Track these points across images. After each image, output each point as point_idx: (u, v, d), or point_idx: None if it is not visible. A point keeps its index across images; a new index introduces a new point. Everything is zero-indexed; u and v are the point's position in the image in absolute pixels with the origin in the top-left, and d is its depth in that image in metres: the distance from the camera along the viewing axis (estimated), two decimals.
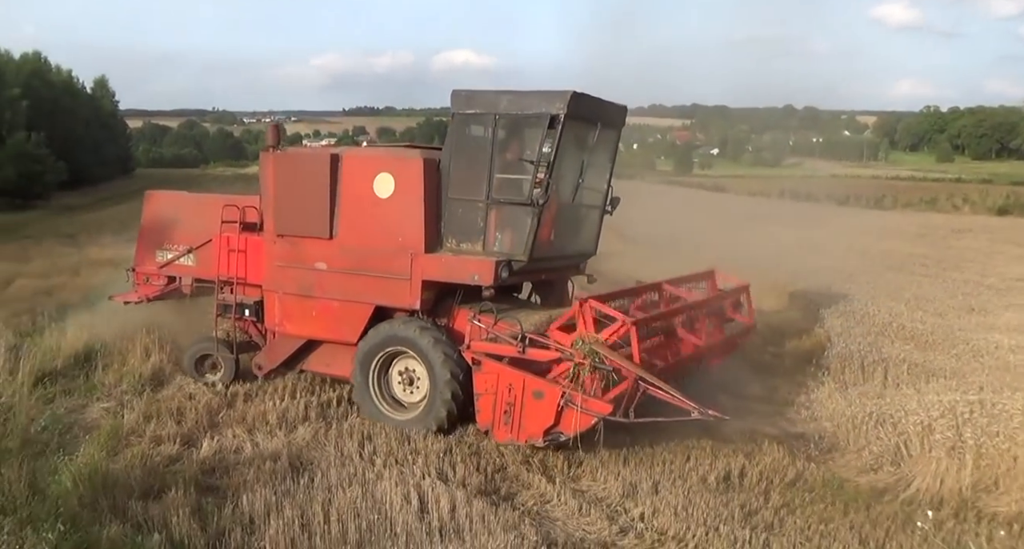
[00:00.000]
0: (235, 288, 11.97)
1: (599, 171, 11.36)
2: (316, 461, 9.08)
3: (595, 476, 8.93)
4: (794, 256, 25.81)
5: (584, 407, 8.57)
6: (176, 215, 13.05)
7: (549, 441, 8.92)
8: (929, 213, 53.37)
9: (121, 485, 8.12)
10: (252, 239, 11.84)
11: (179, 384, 11.88)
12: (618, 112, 11.34)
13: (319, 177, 10.87)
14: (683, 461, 9.26)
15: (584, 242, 11.83)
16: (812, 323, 16.27)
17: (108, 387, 11.76)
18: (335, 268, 10.89)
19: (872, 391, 11.49)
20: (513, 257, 10.11)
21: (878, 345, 13.88)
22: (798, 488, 8.74)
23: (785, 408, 11.41)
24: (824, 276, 21.83)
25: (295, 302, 11.28)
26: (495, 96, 10.07)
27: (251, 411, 10.83)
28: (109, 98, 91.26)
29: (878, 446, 9.49)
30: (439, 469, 8.88)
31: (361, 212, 10.69)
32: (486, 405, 9.23)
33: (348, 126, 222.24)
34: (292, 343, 11.59)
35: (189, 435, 9.98)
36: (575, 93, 9.79)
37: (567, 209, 10.96)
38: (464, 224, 10.26)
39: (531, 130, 10.14)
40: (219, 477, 8.72)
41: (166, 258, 12.93)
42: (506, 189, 10.12)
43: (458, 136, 10.40)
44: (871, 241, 32.31)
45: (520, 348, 9.11)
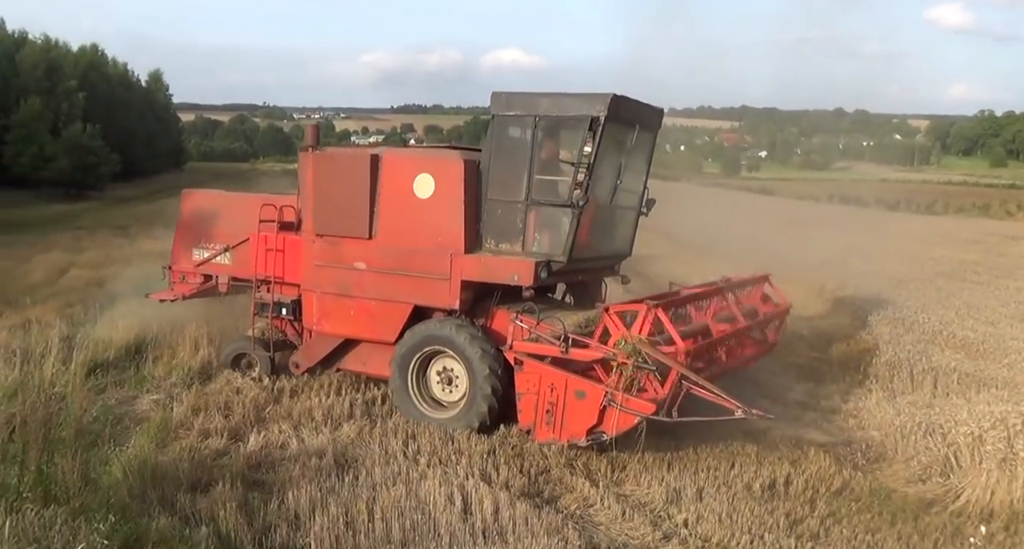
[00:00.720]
0: (272, 287, 12.05)
1: (636, 173, 11.33)
2: (361, 459, 9.14)
3: (639, 481, 8.89)
4: (842, 261, 25.51)
5: (626, 407, 8.60)
6: (213, 214, 13.16)
7: (592, 441, 8.93)
8: (981, 219, 52.56)
9: (170, 477, 8.22)
10: (290, 238, 11.90)
11: (227, 378, 12.01)
12: (655, 114, 11.34)
13: (359, 177, 10.93)
14: (728, 467, 9.19)
15: (620, 243, 11.85)
16: (860, 329, 16.08)
17: (158, 379, 11.96)
18: (374, 268, 10.93)
19: (921, 400, 11.34)
20: (552, 258, 10.16)
21: (928, 353, 13.69)
22: (844, 497, 8.63)
23: (832, 415, 11.29)
24: (873, 282, 21.54)
25: (333, 301, 11.34)
26: (535, 98, 10.12)
27: (297, 407, 10.94)
28: (163, 91, 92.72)
29: (927, 456, 9.35)
30: (483, 470, 8.89)
31: (401, 212, 10.75)
32: (528, 405, 9.25)
33: (396, 123, 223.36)
34: (329, 342, 11.67)
35: (236, 429, 10.09)
36: (615, 96, 9.82)
37: (604, 210, 10.95)
38: (503, 225, 10.31)
39: (571, 132, 10.24)
40: (265, 472, 8.80)
41: (203, 256, 13.00)
42: (545, 190, 10.20)
43: (498, 137, 10.43)
44: (922, 247, 31.87)
45: (563, 348, 9.10)
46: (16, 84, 55.05)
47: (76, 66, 63.60)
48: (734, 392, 10.45)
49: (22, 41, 61.28)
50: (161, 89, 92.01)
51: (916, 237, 35.70)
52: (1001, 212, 56.81)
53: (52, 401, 8.82)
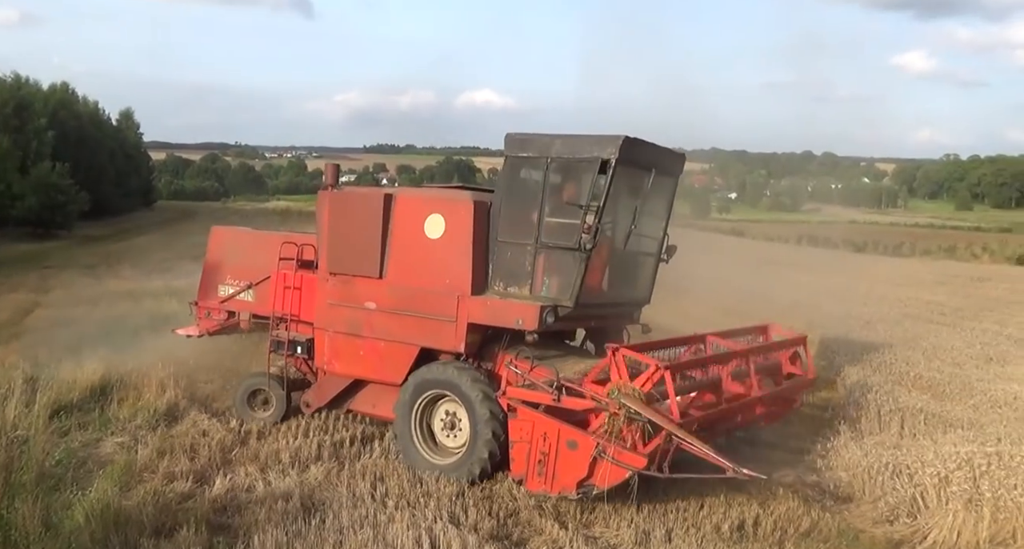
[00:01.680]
0: (289, 325, 12.02)
1: (654, 218, 11.19)
2: (328, 502, 9.03)
3: (608, 523, 8.85)
4: (811, 302, 25.70)
5: (618, 460, 8.38)
6: (238, 251, 13.28)
7: (582, 494, 8.71)
8: (948, 261, 53.20)
9: (133, 522, 8.09)
10: (307, 277, 11.93)
11: (193, 420, 11.90)
12: (675, 159, 11.27)
13: (371, 216, 10.94)
14: (697, 509, 9.18)
15: (637, 290, 11.68)
16: (829, 371, 16.16)
17: (123, 421, 11.80)
18: (384, 308, 10.90)
19: (888, 441, 11.39)
20: (559, 302, 10.00)
21: (895, 394, 13.76)
22: (813, 538, 8.66)
23: (800, 457, 11.30)
24: (841, 323, 21.70)
25: (344, 341, 11.31)
26: (548, 140, 10.06)
27: (264, 449, 10.84)
28: (134, 130, 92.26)
29: (894, 497, 9.39)
30: (451, 512, 8.82)
31: (411, 252, 10.74)
32: (520, 453, 9.09)
33: (369, 163, 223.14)
34: (340, 382, 11.62)
35: (202, 472, 9.97)
36: (627, 138, 9.72)
37: (619, 256, 10.91)
38: (512, 267, 10.21)
39: (582, 174, 10.10)
40: (231, 516, 8.68)
41: (227, 293, 13.08)
42: (555, 233, 10.04)
43: (510, 179, 10.45)
44: (889, 288, 32.17)
45: (555, 396, 8.93)
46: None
47: (46, 104, 63.18)
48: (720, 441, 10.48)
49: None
50: (132, 127, 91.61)
51: (884, 279, 36.05)
52: (967, 254, 57.55)
53: (14, 444, 8.68)
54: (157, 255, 37.07)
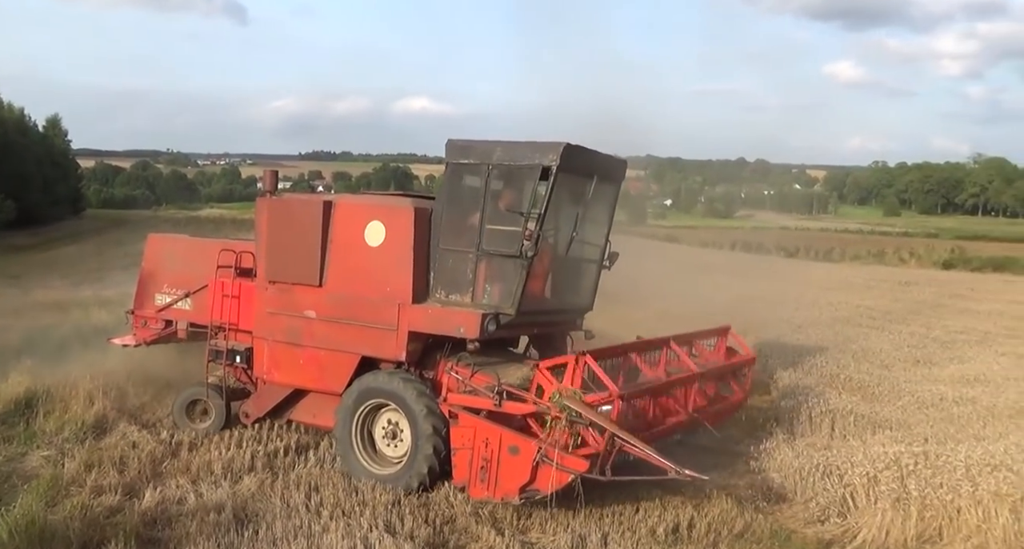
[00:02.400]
0: (227, 334, 11.81)
1: (596, 225, 11.20)
2: (261, 513, 8.91)
3: (544, 528, 8.87)
4: (745, 307, 26.03)
5: (560, 464, 8.36)
6: (175, 259, 12.97)
7: (525, 499, 8.71)
8: (876, 266, 54.43)
9: (59, 538, 7.90)
10: (246, 285, 11.73)
11: (122, 432, 11.65)
12: (616, 166, 11.25)
13: (311, 224, 10.79)
14: (632, 513, 9.24)
15: (580, 297, 11.64)
16: (762, 373, 16.37)
17: (49, 435, 11.51)
18: (323, 316, 10.73)
19: (819, 442, 11.59)
20: (501, 310, 9.92)
21: (826, 396, 14.01)
22: (746, 540, 8.78)
23: (735, 459, 11.44)
24: (774, 327, 22.03)
25: (283, 350, 11.12)
26: (489, 146, 10.01)
27: (196, 461, 10.65)
28: (61, 137, 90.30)
29: (825, 497, 9.54)
30: (387, 521, 8.75)
31: (351, 260, 10.59)
32: (462, 461, 9.03)
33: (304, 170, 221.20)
34: (280, 392, 11.44)
35: (131, 485, 9.75)
36: (568, 145, 9.71)
37: (561, 262, 10.89)
38: (454, 275, 10.11)
39: (524, 181, 10.03)
40: (161, 529, 8.52)
41: (164, 302, 12.79)
42: (497, 240, 9.95)
43: (451, 186, 10.38)
44: (820, 293, 32.79)
45: (496, 401, 8.92)
46: None
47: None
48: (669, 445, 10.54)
49: None
50: (59, 134, 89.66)
51: (815, 283, 36.73)
52: (895, 259, 58.96)
53: None
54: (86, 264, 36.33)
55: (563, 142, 9.67)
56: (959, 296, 33.64)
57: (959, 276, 46.54)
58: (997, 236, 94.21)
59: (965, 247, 64.73)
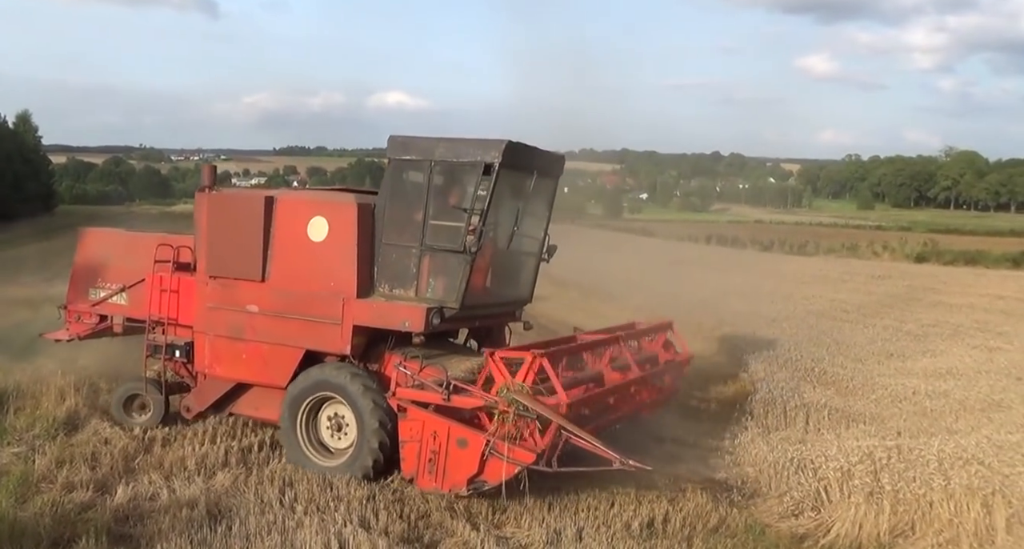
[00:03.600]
0: (166, 329, 11.74)
1: (536, 219, 11.38)
2: (235, 508, 8.84)
3: (519, 523, 8.86)
4: (720, 301, 26.20)
5: (508, 456, 8.59)
6: (110, 253, 12.83)
7: (473, 490, 8.92)
8: (850, 259, 54.73)
9: (29, 534, 7.84)
10: (185, 279, 11.66)
11: (94, 428, 11.53)
12: (555, 161, 11.41)
13: (253, 219, 10.79)
14: (607, 507, 9.25)
15: (520, 289, 11.83)
16: (737, 368, 16.49)
17: (19, 431, 11.35)
18: (266, 311, 10.76)
19: (794, 436, 11.65)
20: (445, 304, 10.07)
21: (800, 390, 14.09)
22: (721, 534, 8.77)
23: (709, 453, 11.49)
24: (749, 321, 22.18)
25: (225, 344, 11.11)
26: (431, 143, 10.11)
27: (169, 456, 10.57)
28: (32, 133, 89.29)
29: (799, 492, 9.57)
30: (361, 516, 8.70)
31: (294, 255, 10.64)
32: (411, 453, 9.21)
33: (279, 165, 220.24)
34: (221, 386, 11.41)
35: (103, 481, 9.66)
36: (510, 142, 9.87)
37: (502, 256, 11.04)
38: (397, 270, 10.24)
39: (466, 177, 10.18)
40: (133, 525, 8.44)
41: (98, 296, 12.67)
42: (440, 236, 10.10)
43: (394, 181, 10.43)
44: (794, 286, 33.01)
45: (445, 395, 9.05)
46: None
47: None
48: (619, 434, 10.62)
49: None
50: (30, 130, 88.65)
51: (789, 277, 36.98)
52: (868, 252, 59.27)
53: None
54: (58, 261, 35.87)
55: (505, 139, 9.86)
56: (931, 289, 33.90)
57: (932, 269, 46.87)
58: (969, 229, 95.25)
59: (938, 240, 65.19)
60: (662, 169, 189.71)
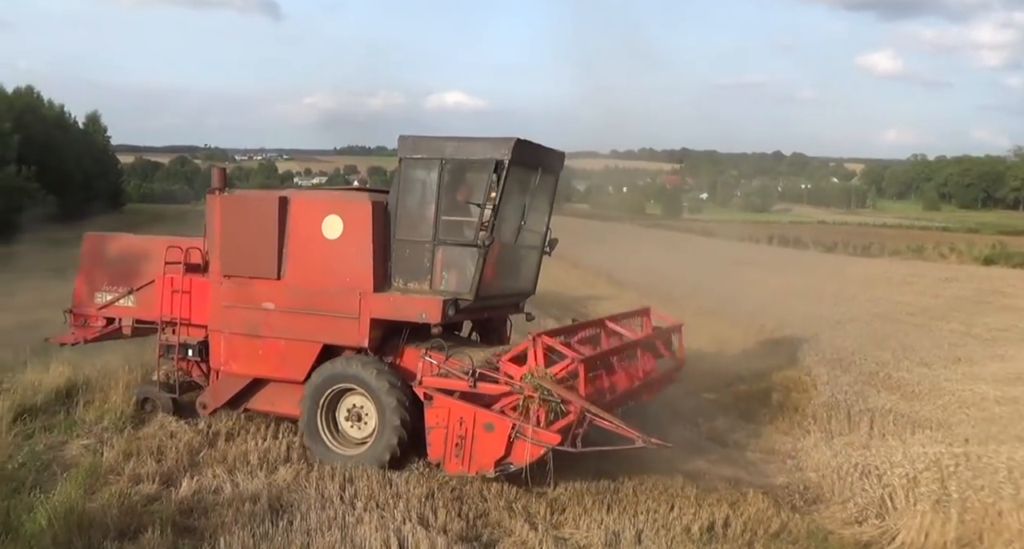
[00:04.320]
0: (178, 329, 12.03)
1: (539, 214, 11.76)
2: (296, 503, 8.95)
3: (578, 523, 8.81)
4: (781, 302, 25.88)
5: (534, 438, 9.00)
6: (115, 256, 13.13)
7: (499, 471, 9.33)
8: (916, 261, 53.58)
9: (97, 524, 7.99)
10: (196, 280, 11.97)
11: (160, 422, 11.74)
12: (557, 158, 11.80)
13: (267, 219, 11.09)
14: (667, 510, 9.14)
15: (524, 281, 12.23)
16: (798, 370, 16.26)
17: (89, 424, 11.64)
18: (283, 308, 11.03)
19: (858, 441, 11.47)
20: (459, 296, 10.45)
21: (864, 394, 13.87)
22: (782, 540, 8.63)
23: (770, 457, 11.36)
24: (811, 323, 21.86)
25: (241, 341, 11.38)
26: (441, 142, 10.52)
27: (232, 451, 10.72)
28: (101, 134, 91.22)
29: (863, 498, 9.43)
30: (420, 514, 8.74)
31: (309, 253, 10.95)
32: (437, 438, 9.61)
33: (340, 165, 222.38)
34: (238, 382, 11.65)
35: (168, 474, 9.84)
36: (519, 140, 10.27)
37: (509, 250, 11.34)
38: (411, 264, 10.61)
39: (476, 174, 10.56)
40: (197, 518, 8.57)
41: (105, 300, 12.92)
42: (452, 231, 10.55)
43: (405, 180, 10.77)
44: (858, 288, 32.41)
45: (471, 382, 9.53)
46: None
47: (11, 109, 62.47)
48: (673, 433, 10.55)
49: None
50: (99, 131, 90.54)
51: (853, 278, 36.32)
52: (935, 254, 57.98)
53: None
54: None
55: (514, 137, 10.24)
56: (1000, 293, 33.03)
57: (1000, 272, 45.61)
58: None
59: (1007, 242, 63.41)
60: (722, 169, 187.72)
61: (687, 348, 13.07)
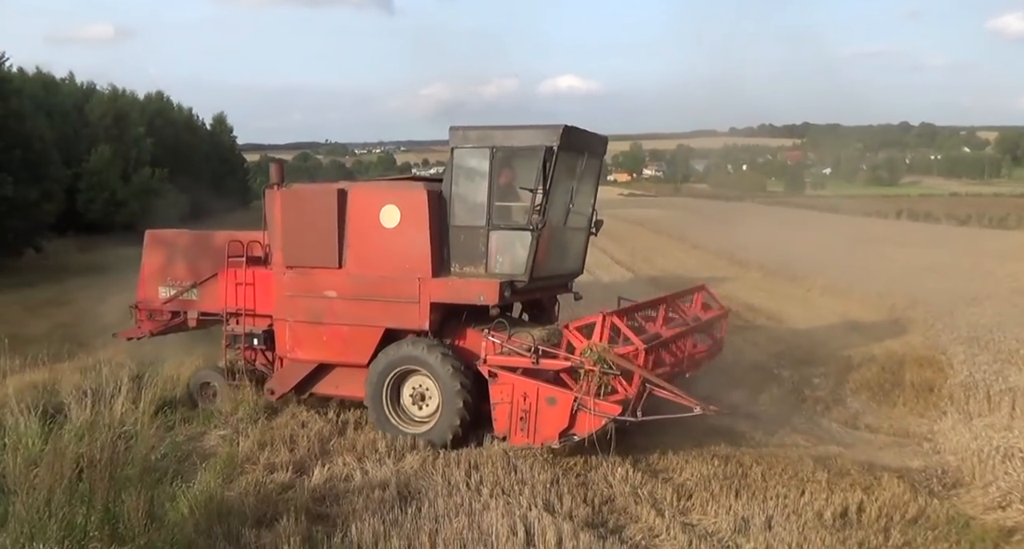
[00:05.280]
0: (243, 319, 12.52)
1: (585, 196, 12.10)
2: (424, 490, 9.10)
3: (705, 510, 8.68)
4: (912, 279, 24.97)
5: (596, 410, 9.47)
6: (177, 252, 13.73)
7: (564, 442, 9.78)
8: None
9: (235, 512, 8.27)
10: (259, 272, 12.50)
11: (292, 412, 12.11)
12: (601, 142, 12.26)
13: (327, 211, 11.54)
14: (798, 495, 8.92)
15: (573, 262, 12.67)
16: (933, 349, 15.68)
17: (225, 415, 12.10)
18: (345, 295, 11.51)
19: (999, 422, 10.98)
20: (514, 278, 10.91)
21: (1005, 373, 13.26)
22: (920, 526, 8.30)
23: (905, 440, 10.98)
24: (945, 299, 21.04)
25: (306, 329, 11.85)
26: (490, 131, 10.98)
27: (361, 439, 10.99)
28: (227, 134, 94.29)
29: (1006, 482, 9.00)
30: (546, 500, 8.78)
31: (369, 242, 11.41)
32: (503, 413, 10.09)
33: None
34: (303, 368, 12.09)
35: (301, 463, 10.16)
36: (566, 126, 10.71)
37: (558, 232, 11.67)
38: (467, 249, 11.05)
39: (526, 161, 10.92)
40: (329, 505, 8.81)
41: (169, 294, 13.52)
42: (505, 216, 11.03)
43: (457, 168, 11.15)
44: (996, 263, 30.94)
45: (534, 359, 10.02)
46: (86, 134, 56.72)
47: (143, 113, 65.20)
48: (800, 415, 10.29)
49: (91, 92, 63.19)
50: (225, 131, 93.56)
51: (989, 253, 34.74)
52: None
53: (121, 439, 8.93)
54: None
55: (562, 124, 10.67)
56: None
57: None
58: None
59: None
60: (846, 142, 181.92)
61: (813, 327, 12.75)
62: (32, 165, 40.05)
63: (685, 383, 10.82)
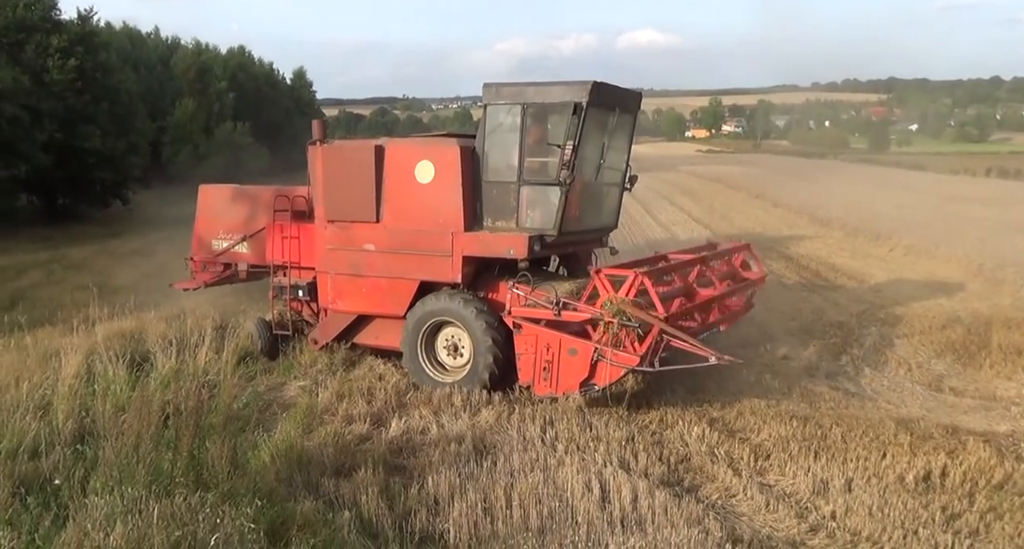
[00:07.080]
0: (288, 272, 12.83)
1: (618, 152, 12.11)
2: (499, 445, 9.16)
3: (783, 470, 8.58)
4: (1001, 238, 24.15)
5: (614, 360, 9.70)
6: (229, 207, 14.11)
7: (584, 392, 10.09)
8: None
9: (315, 462, 8.45)
10: (304, 226, 12.76)
11: (370, 365, 12.29)
12: (633, 98, 12.26)
13: (365, 167, 11.80)
14: (879, 457, 8.76)
15: (606, 217, 12.77)
16: (1022, 311, 15.17)
17: (304, 367, 12.38)
18: (382, 249, 11.83)
19: None
20: (544, 232, 11.07)
21: None
22: (1006, 491, 8.09)
23: (991, 403, 10.70)
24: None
25: (346, 281, 12.23)
26: (522, 88, 11.01)
27: (437, 393, 11.07)
28: (307, 88, 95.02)
29: None
30: (621, 457, 8.77)
31: (404, 197, 11.64)
32: (527, 364, 10.47)
33: None
34: (344, 319, 12.49)
35: (378, 415, 10.31)
36: (595, 83, 10.71)
37: (590, 188, 11.82)
38: (499, 204, 11.23)
39: (556, 117, 11.12)
40: (406, 457, 8.93)
41: (221, 246, 13.93)
42: (535, 171, 11.16)
43: (490, 124, 11.24)
44: None
45: (556, 312, 10.22)
46: (171, 87, 57.95)
47: (225, 68, 66.17)
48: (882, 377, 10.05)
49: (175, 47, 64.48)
50: (305, 86, 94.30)
51: None
52: None
53: (204, 389, 9.17)
54: None
55: (591, 80, 10.66)
56: None
57: None
58: None
59: None
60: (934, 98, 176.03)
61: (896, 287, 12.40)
62: (119, 118, 41.06)
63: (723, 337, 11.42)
